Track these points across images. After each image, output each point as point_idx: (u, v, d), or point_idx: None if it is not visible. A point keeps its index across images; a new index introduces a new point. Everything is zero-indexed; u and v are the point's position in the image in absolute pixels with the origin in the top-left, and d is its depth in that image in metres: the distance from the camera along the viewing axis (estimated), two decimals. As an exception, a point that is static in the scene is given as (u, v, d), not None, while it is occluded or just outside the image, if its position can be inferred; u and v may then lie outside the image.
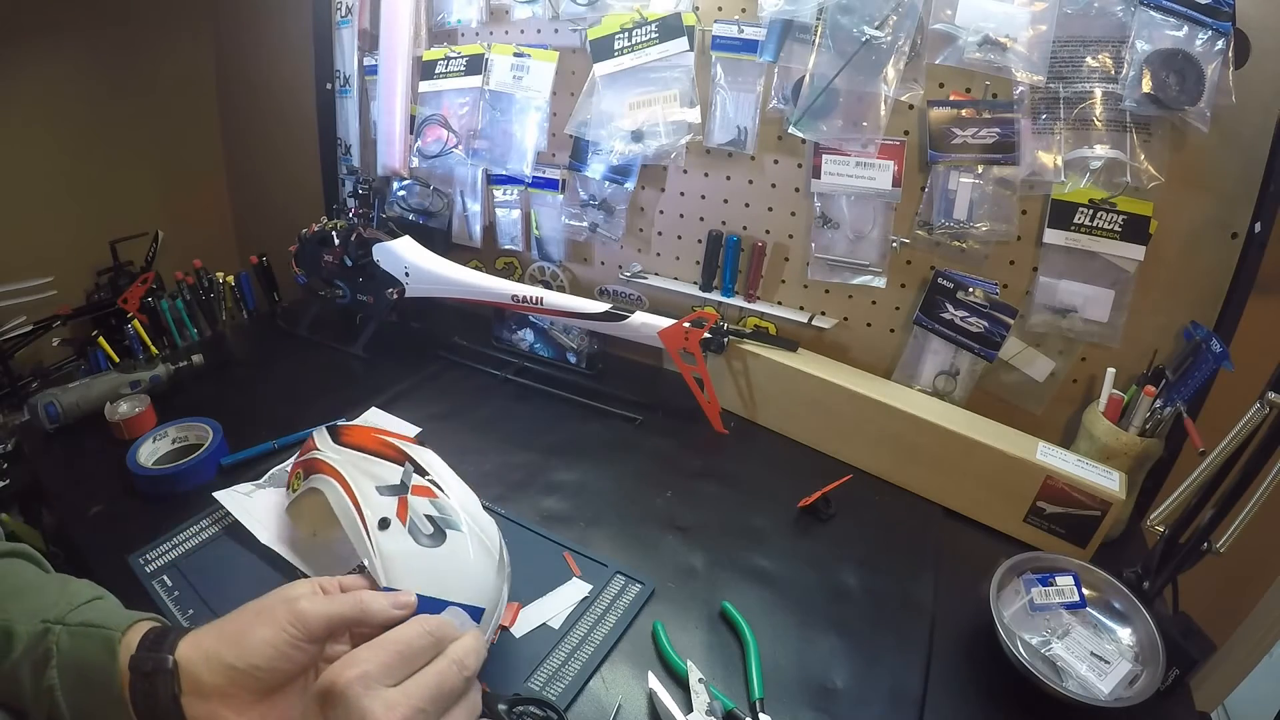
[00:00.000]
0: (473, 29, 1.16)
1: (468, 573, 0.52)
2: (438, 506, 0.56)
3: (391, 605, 0.47)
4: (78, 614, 0.46)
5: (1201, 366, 0.76)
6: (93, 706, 0.44)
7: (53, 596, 0.47)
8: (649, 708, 0.59)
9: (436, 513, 0.55)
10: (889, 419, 0.89)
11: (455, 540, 0.54)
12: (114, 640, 0.44)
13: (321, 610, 0.45)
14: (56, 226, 1.28)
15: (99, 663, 0.44)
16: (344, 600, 0.46)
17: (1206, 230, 0.80)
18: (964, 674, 0.66)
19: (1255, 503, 0.61)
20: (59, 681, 0.43)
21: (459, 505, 0.57)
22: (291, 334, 1.24)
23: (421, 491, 0.57)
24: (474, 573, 0.52)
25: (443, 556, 0.52)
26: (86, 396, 0.94)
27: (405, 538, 0.53)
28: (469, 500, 0.59)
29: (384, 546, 0.53)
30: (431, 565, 0.52)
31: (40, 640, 0.44)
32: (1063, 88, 0.81)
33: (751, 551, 0.78)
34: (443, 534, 0.54)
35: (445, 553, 0.53)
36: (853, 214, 0.96)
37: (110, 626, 0.45)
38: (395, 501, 0.56)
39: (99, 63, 1.30)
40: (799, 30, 0.89)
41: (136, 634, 0.45)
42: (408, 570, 0.51)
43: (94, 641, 0.44)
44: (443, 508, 0.56)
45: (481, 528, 0.57)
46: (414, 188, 1.26)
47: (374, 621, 0.46)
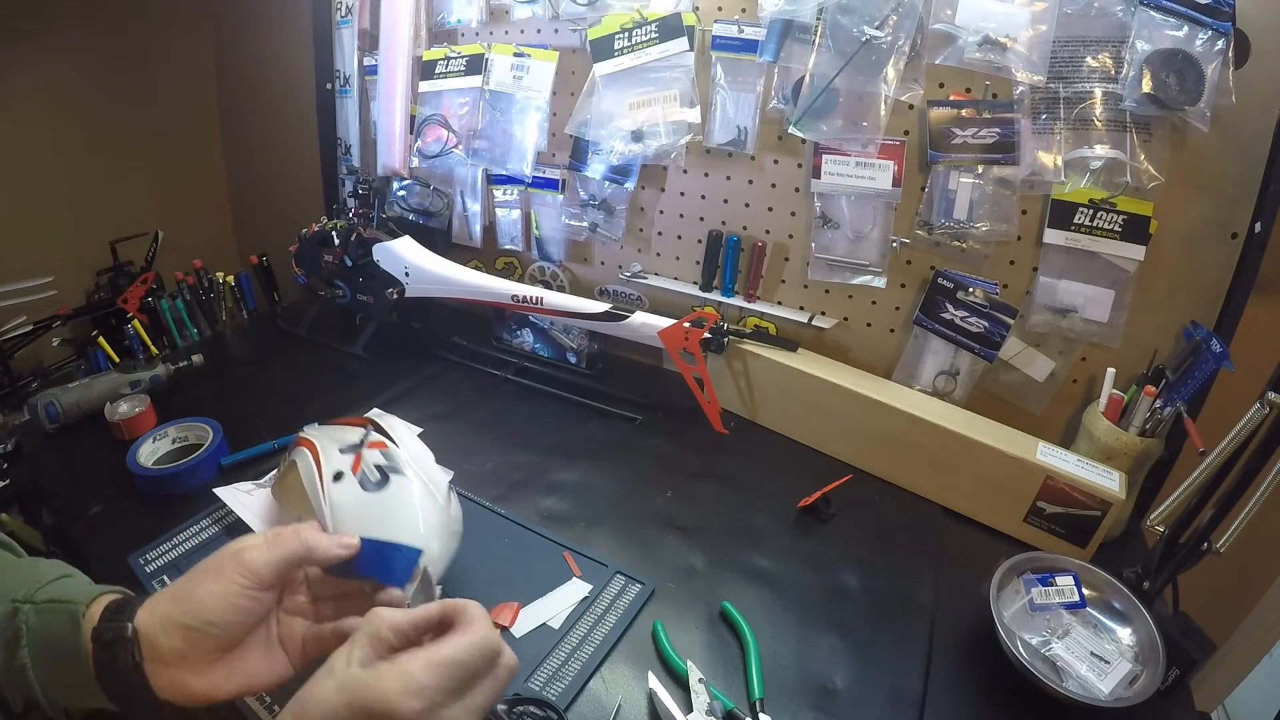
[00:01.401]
0: (473, 29, 1.16)
1: (408, 515, 0.53)
2: (387, 456, 0.58)
3: (335, 545, 0.47)
4: (45, 592, 0.45)
5: (1201, 366, 0.76)
6: (62, 682, 0.44)
7: (22, 577, 0.46)
8: (649, 708, 0.59)
9: (385, 461, 0.58)
10: (889, 419, 0.89)
11: (399, 484, 0.56)
12: (78, 614, 0.44)
13: (267, 556, 0.45)
14: (56, 226, 1.28)
15: (65, 638, 0.43)
16: (288, 541, 0.46)
17: (1206, 230, 0.80)
18: (964, 674, 0.66)
19: (1255, 503, 0.61)
20: (30, 660, 0.43)
21: (408, 455, 0.59)
22: (291, 334, 1.24)
23: (375, 445, 0.60)
24: (415, 515, 0.54)
25: (386, 500, 0.55)
26: (86, 396, 0.94)
27: (354, 487, 0.55)
28: (419, 451, 0.61)
29: (334, 497, 0.55)
30: (376, 510, 0.54)
31: (10, 621, 0.44)
32: (1063, 88, 0.81)
33: (751, 551, 0.78)
34: (387, 479, 0.56)
35: (388, 496, 0.55)
36: (853, 214, 0.96)
37: (75, 600, 0.45)
38: (352, 457, 0.58)
39: (99, 63, 1.30)
40: (799, 30, 0.89)
41: (99, 606, 0.45)
42: (354, 517, 0.53)
43: (60, 617, 0.44)
44: (391, 456, 0.58)
45: (430, 477, 0.58)
46: (414, 188, 1.26)
47: (319, 558, 0.47)
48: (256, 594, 0.44)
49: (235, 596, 0.44)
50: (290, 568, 0.46)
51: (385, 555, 0.49)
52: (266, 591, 0.45)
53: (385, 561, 0.49)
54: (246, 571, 0.44)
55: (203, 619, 0.43)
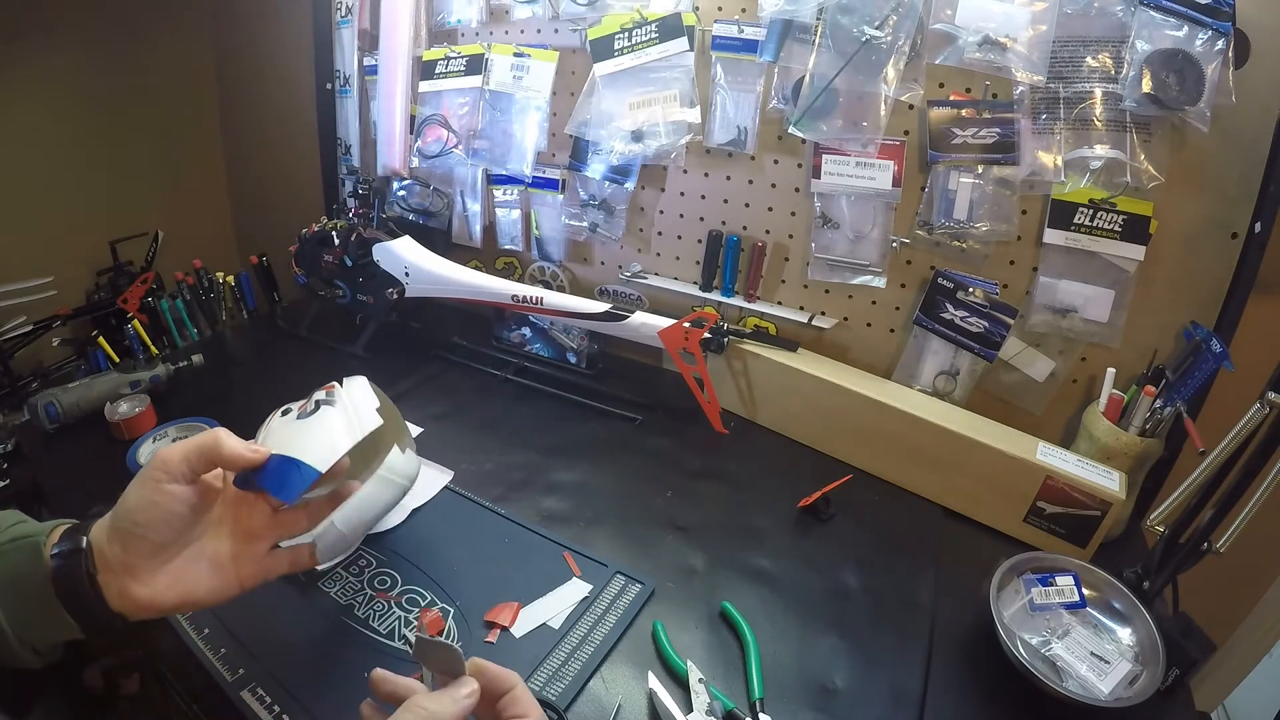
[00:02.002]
0: (473, 29, 1.16)
1: (317, 438, 0.56)
2: (329, 394, 0.61)
3: (245, 448, 0.50)
4: (6, 535, 0.47)
5: (1201, 366, 0.76)
6: (29, 615, 0.45)
7: None
8: (649, 708, 0.59)
9: (324, 396, 0.61)
10: (889, 419, 0.89)
11: (323, 413, 0.58)
12: (39, 544, 0.46)
13: (177, 448, 0.47)
14: (56, 226, 1.28)
15: (28, 570, 0.45)
16: (200, 435, 0.49)
17: (1206, 230, 0.80)
18: (964, 674, 0.66)
19: (1255, 503, 0.61)
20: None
21: (344, 393, 0.62)
22: (291, 334, 1.24)
23: (326, 388, 0.63)
24: (323, 438, 0.56)
25: (306, 426, 0.57)
26: (86, 396, 0.94)
27: (290, 418, 0.59)
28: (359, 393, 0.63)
29: (272, 424, 0.59)
30: (294, 432, 0.57)
31: None
32: (1063, 88, 0.81)
33: (751, 551, 0.78)
34: (317, 409, 0.59)
35: (310, 423, 0.58)
36: (853, 214, 0.96)
37: (35, 534, 0.47)
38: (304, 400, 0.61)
39: (99, 63, 1.30)
40: (799, 30, 0.89)
41: (58, 533, 0.47)
42: (278, 438, 0.56)
43: (22, 553, 0.46)
44: (331, 395, 0.61)
45: (359, 415, 0.60)
46: (414, 188, 1.26)
47: (225, 454, 0.48)
48: (170, 487, 0.46)
49: (152, 493, 0.46)
50: (199, 459, 0.48)
51: (284, 469, 0.51)
52: (180, 484, 0.47)
53: (282, 475, 0.51)
54: (159, 464, 0.46)
55: (130, 520, 0.46)
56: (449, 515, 0.80)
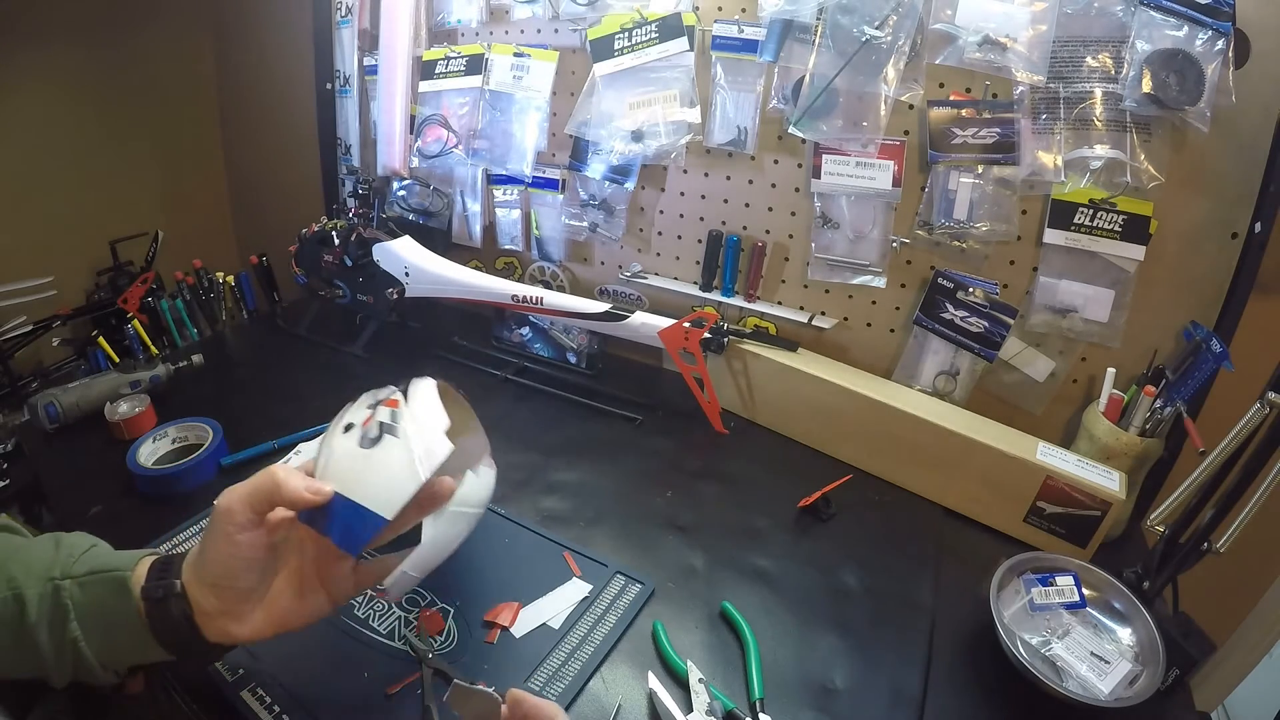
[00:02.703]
0: (473, 29, 1.16)
1: (382, 477, 0.52)
2: (394, 415, 0.56)
3: (305, 488, 0.48)
4: (82, 564, 0.48)
5: (1201, 366, 0.76)
6: (117, 646, 0.47)
7: (50, 555, 0.48)
8: (649, 708, 0.59)
9: (388, 420, 0.56)
10: (889, 419, 0.89)
11: (387, 445, 0.54)
12: (125, 579, 0.47)
13: (236, 494, 0.47)
14: (56, 226, 1.28)
15: (116, 604, 0.46)
16: (258, 477, 0.48)
17: (1206, 230, 0.80)
18: (964, 674, 0.66)
19: (1255, 503, 0.61)
20: (81, 633, 0.45)
21: (411, 418, 0.57)
22: (291, 334, 1.24)
23: (390, 403, 0.58)
24: (388, 478, 0.52)
25: (371, 460, 0.53)
26: (86, 396, 0.94)
27: (354, 439, 0.54)
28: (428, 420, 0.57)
29: (334, 445, 0.54)
30: (359, 466, 0.52)
31: (53, 598, 0.46)
32: (1063, 88, 0.81)
33: (751, 551, 0.78)
34: (381, 438, 0.54)
35: (373, 456, 0.53)
36: (853, 214, 0.96)
37: (119, 568, 0.48)
38: (368, 414, 0.57)
39: (99, 62, 1.30)
40: (799, 30, 0.89)
41: (144, 568, 0.48)
42: (339, 469, 0.52)
43: (107, 586, 0.47)
44: (396, 415, 0.56)
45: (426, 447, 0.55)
46: (414, 188, 1.26)
47: (285, 496, 0.48)
48: (241, 536, 0.47)
49: (227, 545, 0.47)
50: (260, 502, 0.48)
51: (347, 517, 0.49)
52: (250, 531, 0.47)
53: (346, 525, 0.49)
54: (224, 516, 0.47)
55: (214, 574, 0.47)
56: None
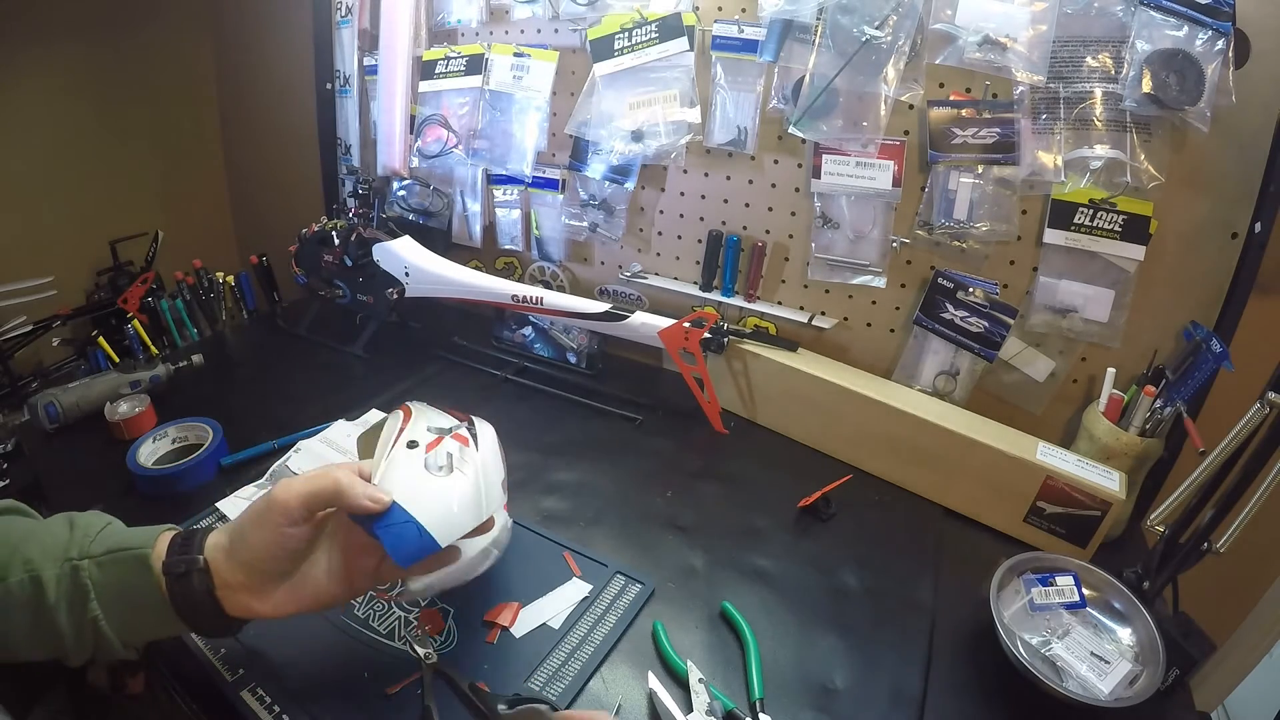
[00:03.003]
0: (473, 29, 1.16)
1: (446, 507, 0.54)
2: (462, 453, 0.58)
3: (366, 495, 0.50)
4: (99, 543, 0.48)
5: (1201, 366, 0.76)
6: (139, 623, 0.47)
7: (65, 536, 0.49)
8: (649, 708, 0.59)
9: (457, 456, 0.57)
10: (889, 419, 0.89)
11: (455, 481, 0.55)
12: (146, 556, 0.47)
13: (298, 490, 0.48)
14: (56, 226, 1.28)
15: (136, 581, 0.47)
16: (319, 478, 0.49)
17: (1206, 230, 0.80)
18: (964, 674, 0.66)
19: (1255, 503, 0.61)
20: (101, 612, 0.46)
21: (480, 464, 0.58)
22: (291, 334, 1.24)
23: (460, 439, 0.59)
24: (452, 510, 0.54)
25: (435, 487, 0.54)
26: (86, 396, 0.94)
27: (418, 459, 0.56)
28: (493, 466, 0.60)
29: (396, 457, 0.56)
30: (423, 488, 0.54)
31: (72, 579, 0.46)
32: (1063, 88, 0.81)
33: (751, 551, 0.78)
34: (450, 471, 0.56)
35: (439, 485, 0.55)
36: (853, 214, 0.96)
37: (138, 546, 0.48)
38: (434, 437, 0.58)
39: (99, 62, 1.30)
40: (799, 30, 0.89)
41: (164, 543, 0.49)
42: (401, 480, 0.53)
43: (127, 565, 0.47)
44: (465, 455, 0.58)
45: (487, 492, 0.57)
46: (414, 188, 1.26)
47: (346, 500, 0.49)
48: (292, 530, 0.48)
49: (273, 534, 0.48)
50: (319, 503, 0.49)
51: (405, 531, 0.50)
52: (300, 526, 0.49)
53: (402, 537, 0.50)
54: (280, 509, 0.48)
55: (253, 555, 0.48)
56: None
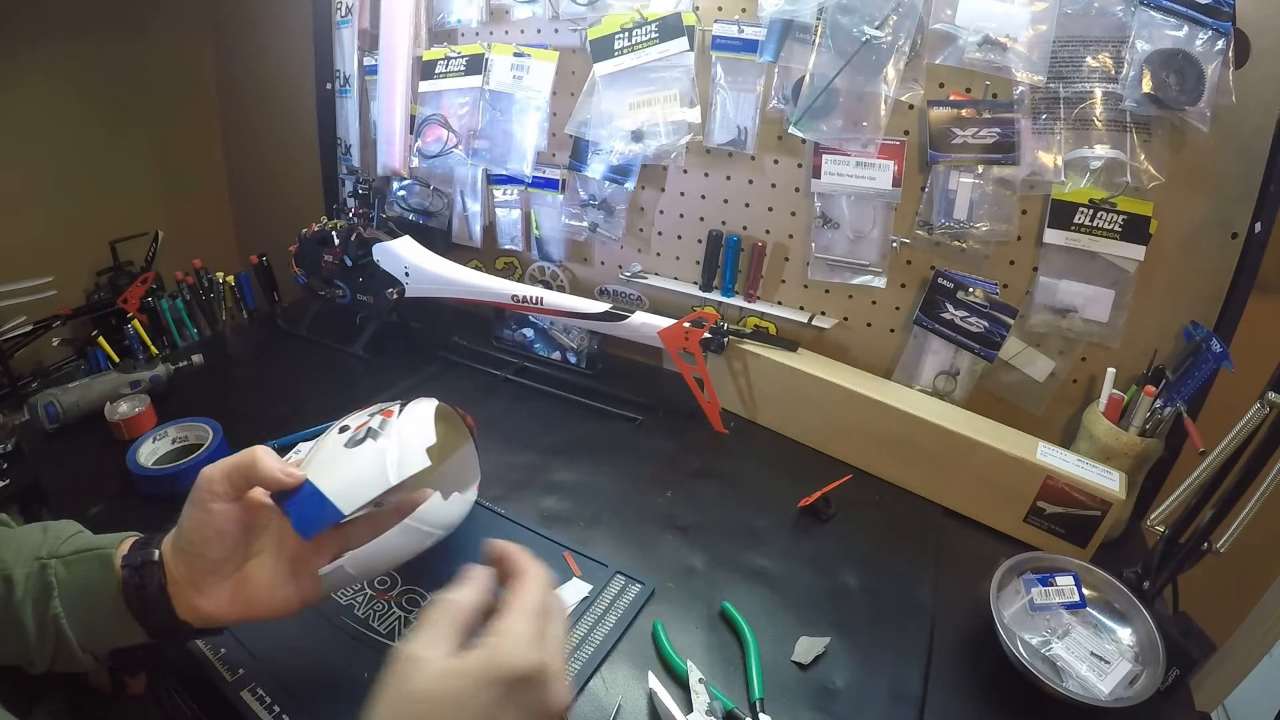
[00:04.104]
0: (473, 29, 1.16)
1: (353, 475, 0.53)
2: (384, 424, 0.58)
3: (280, 470, 0.50)
4: (69, 545, 0.49)
5: (1201, 366, 0.76)
6: (95, 623, 0.47)
7: (38, 538, 0.49)
8: (649, 708, 0.59)
9: (376, 425, 0.58)
10: (889, 419, 0.89)
11: (366, 447, 0.56)
12: (109, 556, 0.48)
13: (217, 466, 0.49)
14: (56, 226, 1.28)
15: (98, 579, 0.47)
16: (238, 454, 0.50)
17: (1206, 230, 0.80)
18: (964, 674, 0.66)
19: (1255, 503, 0.61)
20: (63, 610, 0.46)
21: (398, 429, 0.58)
22: (291, 334, 1.24)
23: (386, 413, 0.60)
24: (358, 478, 0.53)
25: (347, 458, 0.55)
26: (86, 396, 0.94)
27: (340, 439, 0.56)
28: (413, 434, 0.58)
29: (325, 442, 0.57)
30: (335, 460, 0.54)
31: (39, 577, 0.47)
32: (1063, 88, 0.81)
33: (751, 551, 0.78)
34: (363, 441, 0.56)
35: (352, 455, 0.55)
36: (853, 214, 0.96)
37: (103, 546, 0.49)
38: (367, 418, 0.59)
39: (99, 62, 1.30)
40: (799, 30, 0.89)
41: (127, 545, 0.49)
42: (319, 461, 0.54)
43: (91, 563, 0.48)
44: (386, 425, 0.58)
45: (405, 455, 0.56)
46: (414, 188, 1.26)
47: (260, 473, 0.49)
48: (216, 505, 0.48)
49: (201, 512, 0.48)
50: (239, 476, 0.49)
51: (310, 502, 0.50)
52: (225, 503, 0.49)
53: (306, 508, 0.50)
54: (203, 483, 0.49)
55: (186, 539, 0.49)
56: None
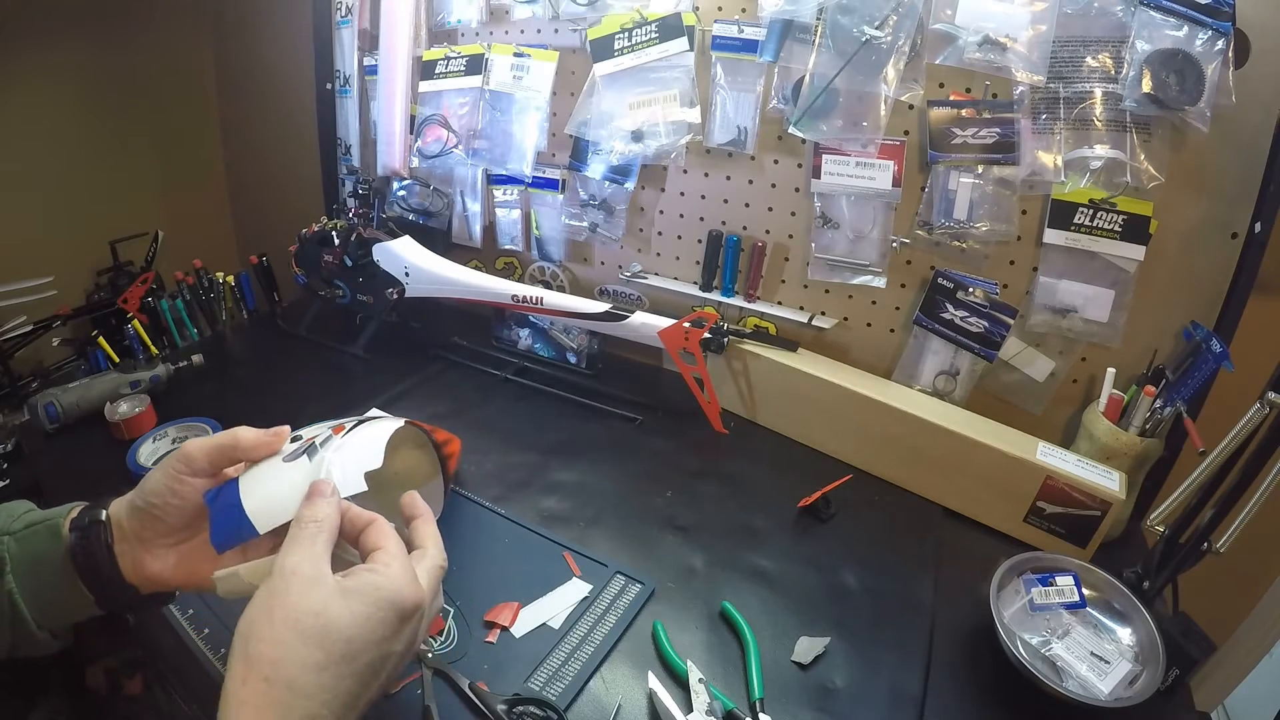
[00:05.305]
0: (473, 29, 1.16)
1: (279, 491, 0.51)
2: (328, 441, 0.56)
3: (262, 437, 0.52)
4: (20, 521, 0.49)
5: (1201, 366, 0.76)
6: (50, 596, 0.48)
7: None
8: (649, 708, 0.59)
9: (319, 442, 0.56)
10: (889, 419, 0.89)
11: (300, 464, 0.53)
12: (59, 525, 0.49)
13: (202, 444, 0.50)
14: (56, 226, 1.28)
15: (47, 548, 0.48)
16: (219, 434, 0.52)
17: (1206, 230, 0.80)
18: (964, 674, 0.66)
19: (1255, 503, 0.61)
20: (16, 585, 0.47)
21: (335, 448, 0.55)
22: (291, 334, 1.24)
23: (336, 429, 0.58)
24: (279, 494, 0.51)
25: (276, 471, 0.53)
26: (86, 396, 0.94)
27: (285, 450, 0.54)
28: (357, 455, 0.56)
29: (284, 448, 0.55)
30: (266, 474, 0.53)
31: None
32: (1063, 88, 0.81)
33: (751, 551, 0.78)
34: (298, 458, 0.54)
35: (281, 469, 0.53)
36: (853, 214, 0.96)
37: (53, 517, 0.50)
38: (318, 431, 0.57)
39: (99, 62, 1.30)
40: (799, 30, 0.89)
41: (76, 510, 0.50)
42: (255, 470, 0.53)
43: (40, 536, 0.48)
44: (327, 440, 0.56)
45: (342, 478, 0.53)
46: (414, 188, 1.26)
47: (243, 447, 0.51)
48: (190, 479, 0.49)
49: (173, 481, 0.49)
50: (219, 456, 0.51)
51: (230, 513, 0.49)
52: (199, 478, 0.50)
53: (225, 518, 0.48)
54: (183, 456, 0.50)
55: (149, 501, 0.49)
56: (448, 516, 0.80)
